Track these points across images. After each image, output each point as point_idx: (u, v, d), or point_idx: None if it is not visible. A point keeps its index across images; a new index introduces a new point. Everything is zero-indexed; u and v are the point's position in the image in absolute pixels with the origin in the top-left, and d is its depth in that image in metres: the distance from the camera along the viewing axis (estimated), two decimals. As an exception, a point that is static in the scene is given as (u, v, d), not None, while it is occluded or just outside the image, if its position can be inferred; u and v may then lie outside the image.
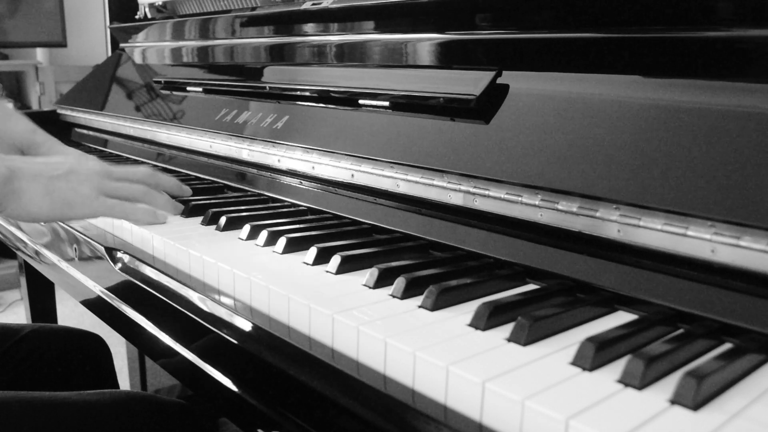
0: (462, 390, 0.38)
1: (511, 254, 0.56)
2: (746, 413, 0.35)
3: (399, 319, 0.46)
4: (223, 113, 0.98)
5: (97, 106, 1.34)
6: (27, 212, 0.65)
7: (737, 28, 0.50)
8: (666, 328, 0.45)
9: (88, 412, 0.72)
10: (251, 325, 0.50)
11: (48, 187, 0.66)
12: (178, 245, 0.64)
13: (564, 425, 0.33)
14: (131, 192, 0.71)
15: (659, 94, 0.54)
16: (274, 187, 0.84)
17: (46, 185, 0.66)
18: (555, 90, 0.61)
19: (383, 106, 0.75)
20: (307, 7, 0.88)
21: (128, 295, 0.66)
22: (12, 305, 2.62)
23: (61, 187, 0.66)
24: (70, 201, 0.66)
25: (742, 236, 0.43)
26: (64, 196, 0.66)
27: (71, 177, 0.68)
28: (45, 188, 0.65)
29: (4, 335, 0.94)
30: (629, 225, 0.49)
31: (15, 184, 0.64)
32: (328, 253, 0.58)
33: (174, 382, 1.56)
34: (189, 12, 1.26)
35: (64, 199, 0.66)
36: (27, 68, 2.85)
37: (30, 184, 0.65)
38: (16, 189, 0.64)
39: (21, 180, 0.64)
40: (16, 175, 0.64)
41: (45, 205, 0.65)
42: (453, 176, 0.62)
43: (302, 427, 0.44)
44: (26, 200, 0.64)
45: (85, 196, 0.67)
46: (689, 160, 0.49)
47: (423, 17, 0.75)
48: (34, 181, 0.65)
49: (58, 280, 0.87)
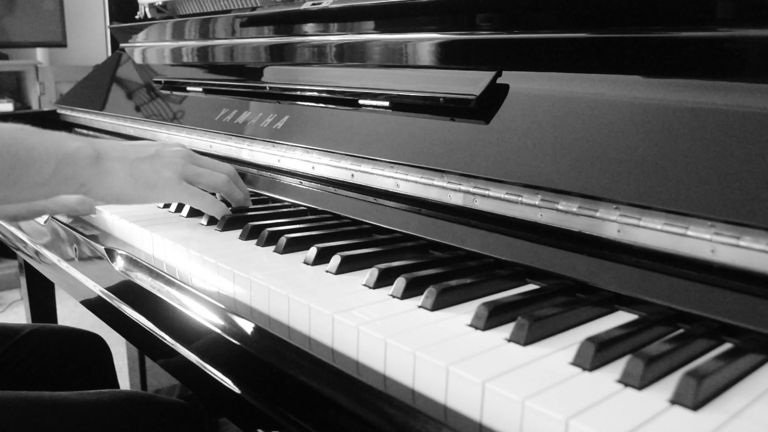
0: (462, 390, 0.38)
1: (511, 254, 0.56)
2: (746, 413, 0.35)
3: (399, 319, 0.46)
4: (223, 113, 0.98)
5: (97, 106, 1.34)
6: (111, 193, 0.66)
7: (737, 28, 0.50)
8: (666, 328, 0.45)
9: (88, 412, 0.72)
10: (251, 325, 0.50)
11: (132, 168, 0.66)
12: (178, 245, 0.64)
13: (564, 425, 0.33)
14: (213, 180, 0.72)
15: (659, 94, 0.54)
16: (274, 187, 0.84)
17: (130, 167, 0.66)
18: (555, 90, 0.61)
19: (383, 106, 0.75)
20: (307, 7, 0.88)
21: (128, 295, 0.66)
22: (12, 305, 2.62)
23: (144, 169, 0.67)
24: (152, 183, 0.67)
25: (742, 236, 0.43)
26: (146, 178, 0.67)
27: (155, 160, 0.69)
28: (129, 170, 0.66)
29: (4, 335, 0.94)
30: (629, 225, 0.49)
31: (101, 165, 0.65)
32: (328, 253, 0.58)
33: (174, 382, 1.56)
34: (189, 12, 1.26)
35: (147, 181, 0.67)
36: (27, 68, 2.85)
37: (115, 164, 0.66)
38: (102, 170, 0.65)
39: (107, 161, 0.65)
40: (103, 156, 0.65)
41: (128, 187, 0.66)
42: (453, 176, 0.62)
43: (302, 427, 0.44)
44: (110, 181, 0.65)
45: (167, 179, 0.68)
46: (689, 160, 0.49)
47: (423, 17, 0.75)
48: (120, 162, 0.66)
49: (58, 280, 0.87)
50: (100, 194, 0.66)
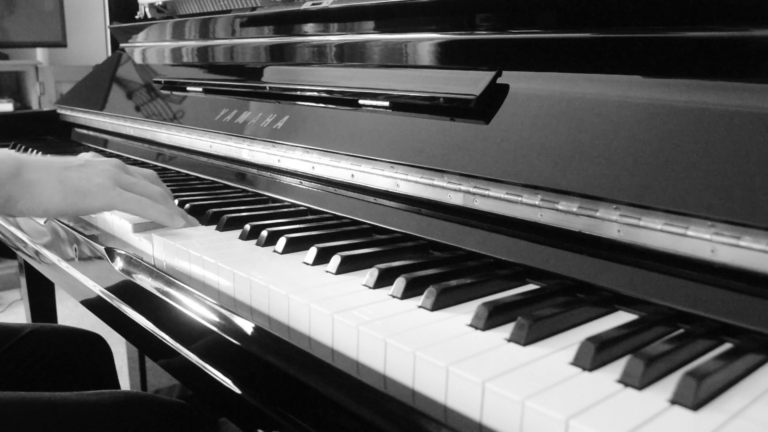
0: (462, 390, 0.38)
1: (511, 254, 0.56)
2: (746, 413, 0.35)
3: (399, 319, 0.46)
4: (223, 113, 0.98)
5: (97, 106, 1.34)
6: (39, 204, 0.61)
7: (737, 28, 0.50)
8: (666, 328, 0.45)
9: (88, 412, 0.72)
10: (251, 325, 0.50)
11: (60, 176, 0.62)
12: (178, 245, 0.64)
13: (564, 425, 0.33)
14: (148, 190, 0.68)
15: (659, 94, 0.54)
16: (274, 187, 0.84)
17: (57, 175, 0.62)
18: (555, 90, 0.61)
19: (383, 106, 0.75)
20: (307, 7, 0.88)
21: (128, 295, 0.66)
22: (12, 305, 2.62)
23: (74, 176, 0.63)
24: (84, 191, 0.62)
25: (742, 236, 0.43)
26: (77, 185, 0.62)
27: (85, 168, 0.64)
28: (57, 177, 0.62)
29: (4, 335, 0.94)
30: (629, 225, 0.49)
31: (25, 176, 0.60)
32: (328, 253, 0.58)
33: (174, 382, 1.56)
34: (189, 12, 1.26)
35: (78, 188, 0.62)
36: (27, 68, 2.85)
37: (41, 174, 0.61)
38: (26, 181, 0.60)
39: (31, 171, 0.61)
40: (26, 167, 0.61)
41: (57, 196, 0.61)
42: (453, 176, 0.62)
43: (302, 427, 0.44)
44: (38, 191, 0.61)
45: (100, 186, 0.63)
46: (689, 159, 0.49)
47: (423, 17, 0.75)
48: (46, 171, 0.62)
49: (58, 280, 0.87)
50: (27, 207, 0.61)
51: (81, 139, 1.41)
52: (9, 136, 1.43)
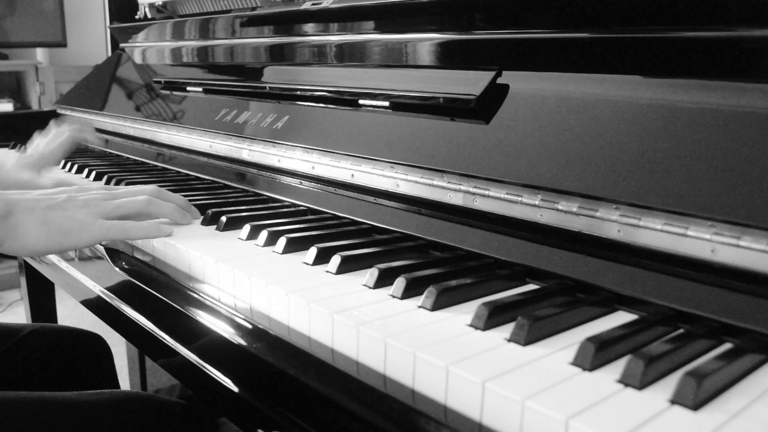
0: (462, 390, 0.38)
1: (511, 254, 0.56)
2: (746, 413, 0.35)
3: (399, 319, 0.46)
4: (223, 113, 0.98)
5: (97, 106, 1.34)
6: (25, 246, 0.63)
7: (737, 28, 0.50)
8: (666, 328, 0.45)
9: (88, 412, 0.72)
10: (251, 325, 0.50)
11: (43, 218, 0.64)
12: (178, 245, 0.64)
13: (564, 425, 0.33)
14: (132, 207, 0.69)
15: (659, 94, 0.54)
16: (274, 187, 0.84)
17: (41, 216, 0.64)
18: (555, 90, 0.61)
19: (383, 106, 0.75)
20: (307, 7, 0.88)
21: (128, 295, 0.66)
22: (12, 305, 2.62)
23: (56, 216, 0.64)
24: (65, 230, 0.64)
25: (742, 236, 0.43)
26: (59, 225, 0.64)
27: (67, 205, 0.66)
28: (40, 220, 0.64)
29: (5, 335, 0.94)
30: (629, 225, 0.49)
31: (11, 219, 0.63)
32: (328, 253, 0.58)
33: (174, 382, 1.56)
34: (189, 12, 1.26)
35: (60, 228, 0.64)
36: (27, 68, 2.85)
37: (25, 216, 0.63)
38: (13, 224, 0.62)
39: (17, 214, 0.63)
40: (12, 211, 0.63)
41: (41, 237, 0.63)
42: (453, 176, 0.62)
43: (302, 427, 0.44)
44: (23, 234, 0.63)
45: (81, 222, 0.65)
46: (689, 160, 0.49)
47: (423, 17, 0.75)
48: (30, 213, 0.64)
49: (58, 280, 0.87)
50: (14, 248, 0.63)
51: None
52: (9, 136, 1.43)
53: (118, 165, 1.12)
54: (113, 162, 1.16)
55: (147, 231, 0.68)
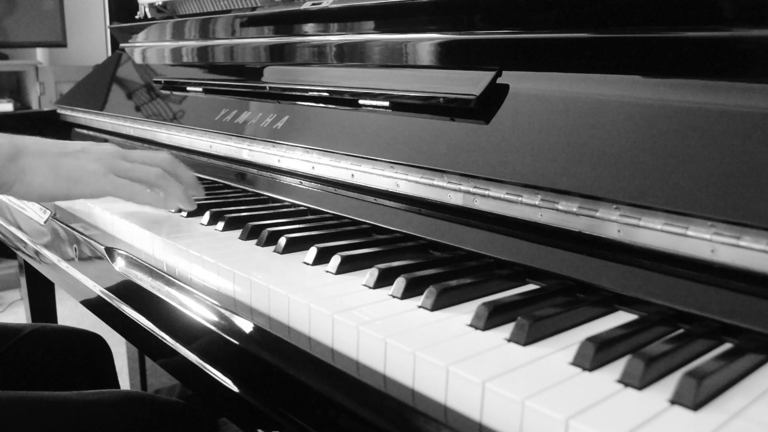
0: (462, 390, 0.38)
1: (511, 254, 0.56)
2: (746, 413, 0.35)
3: (399, 319, 0.46)
4: (223, 113, 0.98)
5: (97, 106, 1.34)
6: (32, 189, 0.62)
7: (737, 28, 0.50)
8: (666, 328, 0.45)
9: (88, 412, 0.72)
10: (251, 325, 0.50)
11: (54, 162, 0.63)
12: (178, 245, 0.64)
13: (564, 425, 0.33)
14: (144, 174, 0.67)
15: (659, 94, 0.54)
16: (274, 187, 0.84)
17: (51, 161, 0.63)
18: (555, 90, 0.61)
19: (383, 106, 0.75)
20: (307, 7, 0.88)
21: (128, 295, 0.66)
22: (12, 305, 2.62)
23: (67, 163, 0.63)
24: (75, 177, 0.63)
25: (742, 236, 0.43)
26: (69, 172, 0.63)
27: (80, 155, 0.65)
28: (50, 164, 0.62)
29: (5, 335, 0.94)
30: (629, 225, 0.49)
31: (20, 161, 0.62)
32: (328, 253, 0.58)
33: (174, 382, 1.56)
34: (189, 12, 1.26)
35: (70, 175, 0.63)
36: (27, 68, 2.85)
37: (36, 160, 0.62)
38: (21, 167, 0.62)
39: (26, 157, 0.62)
40: (22, 153, 0.62)
41: (49, 182, 0.62)
42: (453, 176, 0.62)
43: (302, 427, 0.44)
44: (30, 177, 0.62)
45: (92, 173, 0.64)
46: (689, 160, 0.49)
47: (423, 17, 0.75)
48: (41, 157, 0.63)
49: (58, 280, 0.87)
50: (20, 192, 0.63)
51: (81, 139, 1.40)
52: (9, 136, 1.43)
53: (118, 165, 1.12)
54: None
55: (153, 200, 0.67)
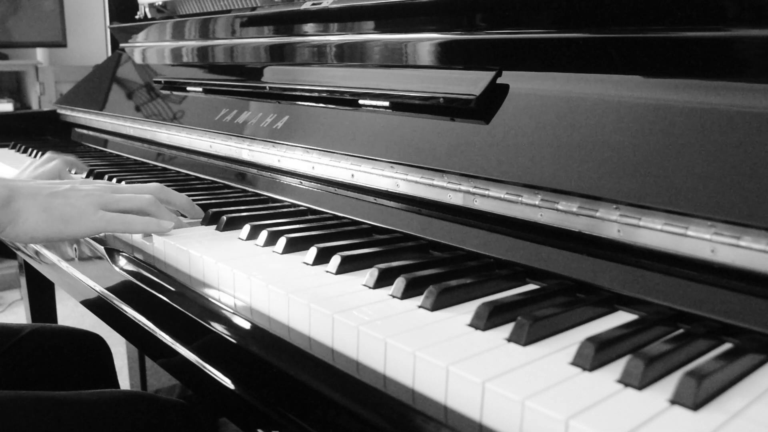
0: (462, 390, 0.38)
1: (511, 254, 0.56)
2: (746, 413, 0.35)
3: (399, 319, 0.46)
4: (223, 113, 0.98)
5: (97, 106, 1.34)
6: (24, 232, 0.64)
7: (737, 28, 0.50)
8: (666, 328, 0.45)
9: (88, 411, 0.72)
10: (251, 325, 0.50)
11: (45, 204, 0.64)
12: (178, 245, 0.64)
13: (564, 425, 0.33)
14: (136, 203, 0.68)
15: (659, 94, 0.54)
16: (274, 187, 0.84)
17: (43, 203, 0.64)
18: (555, 90, 0.61)
19: (383, 106, 0.75)
20: (307, 7, 0.88)
21: (128, 295, 0.66)
22: (12, 305, 2.62)
23: (58, 203, 0.65)
24: (67, 217, 0.64)
25: (742, 236, 0.43)
26: (61, 212, 0.64)
27: (70, 193, 0.66)
28: (42, 206, 0.64)
29: (4, 335, 0.94)
30: (629, 225, 0.49)
31: (13, 204, 0.63)
32: (328, 253, 0.58)
33: (174, 382, 1.56)
34: (189, 12, 1.26)
35: (62, 215, 0.64)
36: (27, 68, 2.85)
37: (27, 202, 0.64)
38: (14, 209, 0.63)
39: (20, 200, 0.63)
40: (15, 196, 0.63)
41: (42, 223, 0.63)
42: (453, 176, 0.62)
43: (302, 427, 0.44)
44: (23, 220, 0.63)
45: (83, 211, 0.65)
46: (689, 159, 0.49)
47: (423, 17, 0.75)
48: (32, 199, 0.64)
49: (58, 280, 0.87)
50: (13, 234, 0.64)
51: (81, 139, 1.41)
52: (9, 136, 1.43)
53: (118, 165, 1.12)
54: (113, 162, 1.16)
55: (147, 225, 0.68)
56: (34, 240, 0.66)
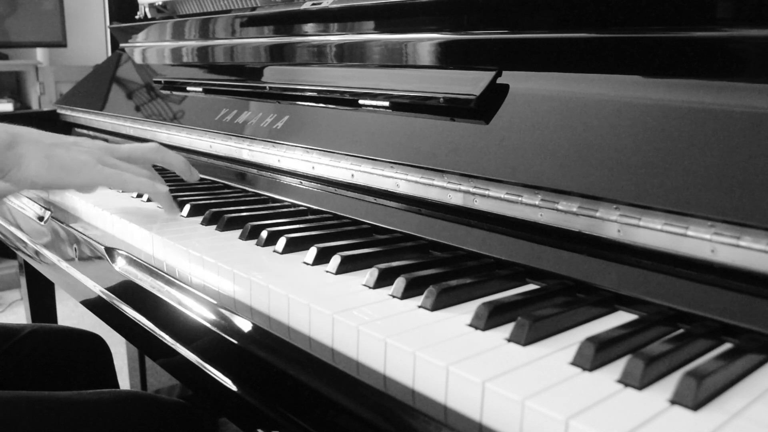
0: (462, 390, 0.38)
1: (511, 254, 0.56)
2: (746, 413, 0.35)
3: (399, 319, 0.46)
4: (223, 113, 0.98)
5: (97, 106, 1.34)
6: (27, 176, 0.66)
7: (737, 28, 0.50)
8: (666, 328, 0.45)
9: (88, 411, 0.72)
10: (251, 324, 0.50)
11: (48, 152, 0.66)
12: (178, 245, 0.64)
13: (564, 425, 0.33)
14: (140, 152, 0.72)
15: (659, 94, 0.54)
16: (274, 187, 0.84)
17: (46, 150, 0.66)
18: (555, 90, 0.61)
19: (383, 106, 0.75)
20: (307, 7, 0.88)
21: (128, 295, 0.66)
22: (12, 305, 2.62)
23: (60, 153, 0.67)
24: (68, 167, 0.67)
25: (742, 236, 0.43)
26: (62, 162, 0.67)
27: (72, 147, 0.69)
28: (44, 153, 0.66)
29: (4, 335, 0.94)
30: (629, 225, 0.49)
31: (16, 149, 0.65)
32: (328, 253, 0.58)
33: (174, 382, 1.56)
34: (189, 12, 1.26)
35: (62, 164, 0.67)
36: (27, 68, 2.85)
37: (30, 148, 0.66)
38: (17, 154, 0.65)
39: (22, 144, 0.65)
40: (18, 140, 0.65)
41: (43, 170, 0.66)
42: (453, 176, 0.62)
43: (302, 427, 0.44)
44: (25, 165, 0.65)
45: (83, 163, 0.68)
46: (689, 159, 0.49)
47: (423, 17, 0.75)
48: (35, 145, 0.66)
49: (58, 280, 0.87)
50: (15, 178, 0.66)
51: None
52: (9, 136, 1.43)
53: (118, 165, 1.12)
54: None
55: (141, 185, 0.71)
56: (35, 185, 0.67)
